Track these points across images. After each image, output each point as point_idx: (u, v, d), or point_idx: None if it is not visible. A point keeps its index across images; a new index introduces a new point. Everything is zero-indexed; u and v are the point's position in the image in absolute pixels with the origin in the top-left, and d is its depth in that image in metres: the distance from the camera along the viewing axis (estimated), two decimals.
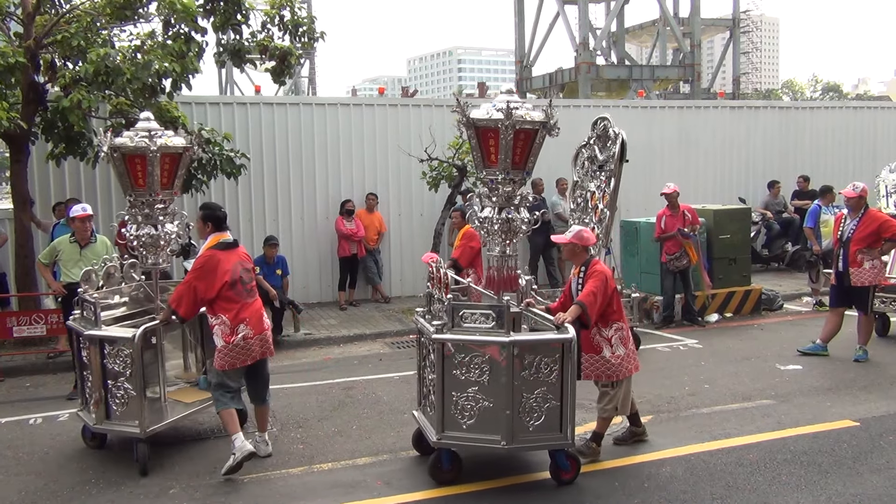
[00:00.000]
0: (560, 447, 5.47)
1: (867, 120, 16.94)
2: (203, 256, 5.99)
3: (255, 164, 12.08)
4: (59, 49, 9.14)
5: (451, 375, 5.42)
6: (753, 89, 74.38)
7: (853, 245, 8.61)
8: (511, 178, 5.46)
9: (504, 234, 5.52)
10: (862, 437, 6.32)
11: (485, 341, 5.35)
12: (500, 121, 5.22)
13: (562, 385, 5.38)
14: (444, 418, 5.47)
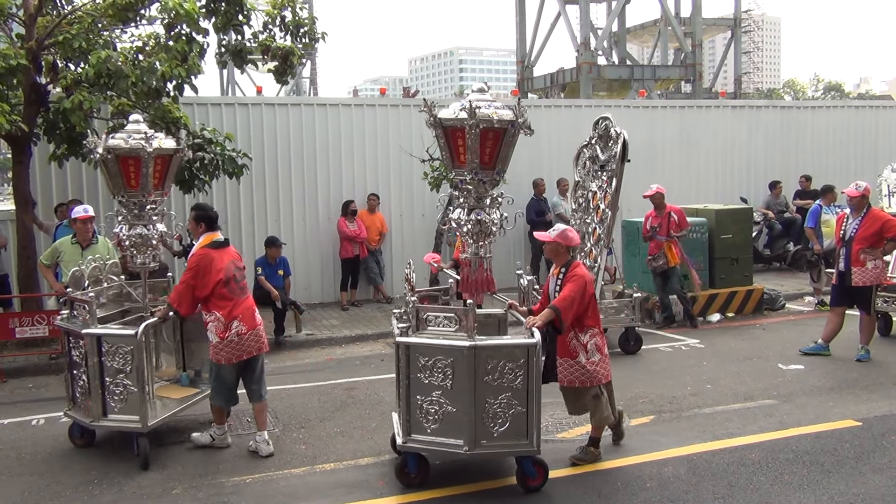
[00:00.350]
0: (526, 454, 5.39)
1: (869, 119, 16.93)
2: (197, 256, 6.14)
3: (257, 164, 12.09)
4: (61, 50, 9.15)
5: (416, 379, 5.39)
6: (755, 89, 74.31)
7: (856, 244, 8.60)
8: (480, 178, 5.34)
9: (476, 236, 5.42)
10: (864, 436, 6.31)
11: (446, 345, 5.30)
12: (464, 120, 5.11)
13: (527, 391, 5.31)
14: (410, 422, 5.45)
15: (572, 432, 6.63)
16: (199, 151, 10.23)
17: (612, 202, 9.65)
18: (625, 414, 6.57)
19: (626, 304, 9.54)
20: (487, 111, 5.13)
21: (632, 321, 9.49)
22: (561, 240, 5.92)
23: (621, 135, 9.55)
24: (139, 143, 6.21)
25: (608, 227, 9.67)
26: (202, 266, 6.07)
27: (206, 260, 6.08)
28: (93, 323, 6.21)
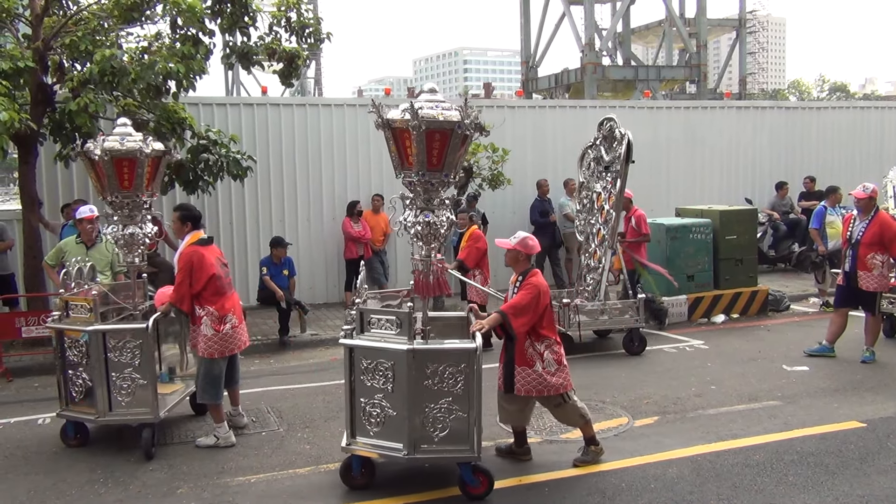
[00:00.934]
0: (466, 460, 5.34)
1: (874, 120, 16.90)
2: (188, 253, 6.35)
3: (262, 165, 12.12)
4: (68, 51, 9.19)
5: (359, 381, 5.41)
6: (760, 89, 74.17)
7: (863, 248, 8.58)
8: (428, 179, 5.25)
9: (426, 238, 5.34)
10: (869, 438, 6.31)
11: (386, 348, 5.30)
12: (409, 121, 5.02)
13: (468, 396, 5.28)
14: (354, 424, 5.46)
15: (576, 433, 6.62)
16: (203, 153, 10.26)
17: (616, 203, 9.66)
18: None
19: (631, 305, 9.54)
20: (432, 112, 5.04)
21: (636, 322, 9.49)
22: (521, 247, 5.90)
23: (626, 135, 9.55)
24: (136, 144, 6.46)
25: (612, 228, 9.67)
26: (195, 262, 6.30)
27: (198, 256, 6.33)
28: (97, 320, 6.35)
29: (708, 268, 11.45)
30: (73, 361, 6.49)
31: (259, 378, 8.86)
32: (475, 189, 12.36)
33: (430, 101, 5.18)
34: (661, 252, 11.18)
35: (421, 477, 5.72)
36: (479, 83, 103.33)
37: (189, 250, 6.38)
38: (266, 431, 6.88)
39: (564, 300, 9.43)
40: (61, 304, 6.60)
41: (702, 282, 11.40)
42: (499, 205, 13.52)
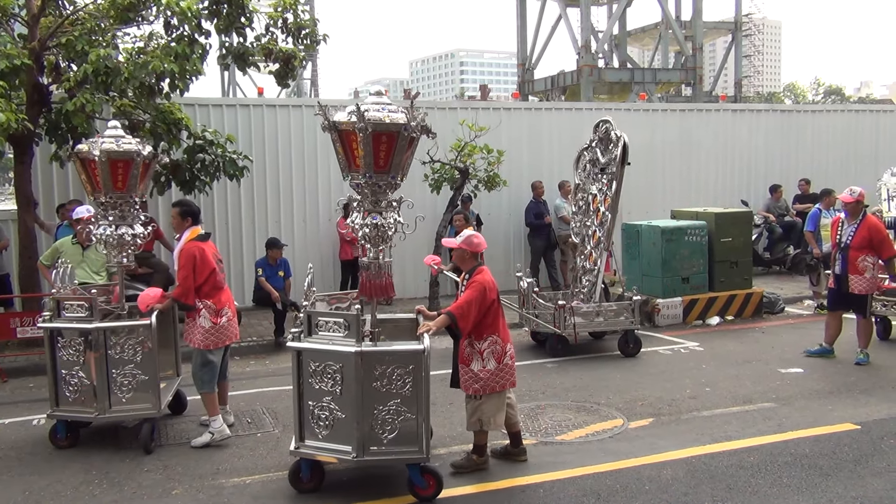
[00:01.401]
0: (415, 461, 5.34)
1: (869, 123, 16.96)
2: (189, 250, 6.49)
3: (258, 165, 12.12)
4: (64, 51, 9.18)
5: (308, 384, 5.40)
6: (755, 92, 74.36)
7: (852, 251, 8.64)
8: (376, 181, 5.24)
9: (374, 240, 5.32)
10: (863, 440, 6.33)
11: (334, 350, 5.31)
12: (355, 123, 5.02)
13: (417, 398, 5.29)
14: (303, 427, 5.45)
15: (571, 434, 6.65)
16: (200, 153, 10.25)
17: (612, 205, 9.68)
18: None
19: (626, 306, 9.56)
20: (379, 114, 5.05)
21: (631, 324, 9.51)
22: (466, 246, 5.91)
23: (622, 138, 9.58)
24: (132, 146, 6.60)
25: (608, 230, 9.70)
26: (198, 257, 6.47)
27: (199, 251, 6.51)
28: (96, 318, 6.46)
29: (703, 270, 11.48)
30: (67, 361, 6.52)
31: (255, 379, 8.86)
32: (470, 190, 12.36)
33: (376, 103, 5.18)
34: (657, 254, 11.21)
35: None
36: (475, 85, 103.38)
37: (190, 246, 6.52)
38: (261, 433, 6.88)
39: (560, 302, 9.45)
40: (52, 303, 6.61)
41: (697, 284, 11.43)
42: (494, 206, 13.54)
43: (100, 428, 6.83)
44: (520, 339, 10.50)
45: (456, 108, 13.74)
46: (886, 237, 8.75)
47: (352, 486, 5.63)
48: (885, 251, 8.61)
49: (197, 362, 6.61)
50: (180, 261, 6.52)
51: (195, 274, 6.45)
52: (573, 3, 31.62)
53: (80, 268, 8.64)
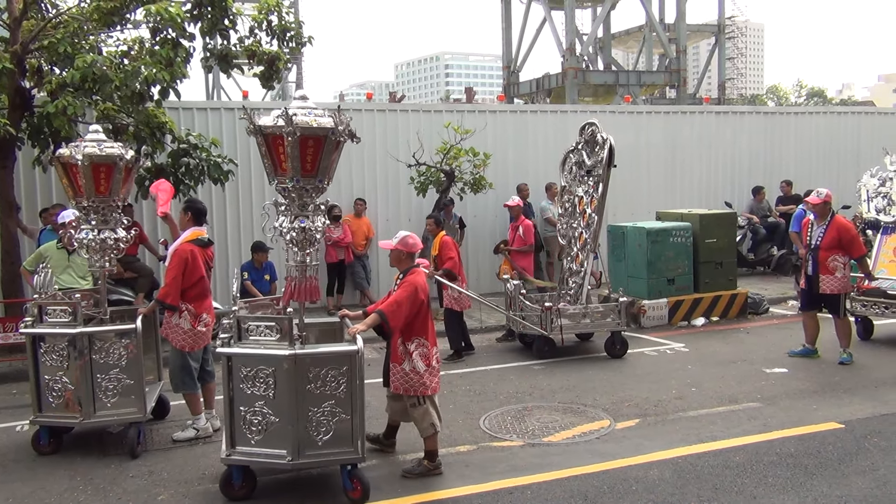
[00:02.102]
0: (352, 461, 5.37)
1: (851, 125, 17.10)
2: (183, 252, 6.52)
3: (243, 168, 12.07)
4: (46, 55, 9.11)
5: (239, 390, 5.36)
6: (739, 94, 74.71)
7: (822, 252, 8.74)
8: (303, 185, 5.27)
9: (300, 244, 5.32)
10: (847, 439, 6.38)
11: (267, 354, 5.29)
12: (282, 128, 5.07)
13: (351, 398, 5.32)
14: (234, 434, 5.41)
15: (558, 436, 6.66)
16: (184, 157, 10.20)
17: (598, 207, 9.72)
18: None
19: (612, 308, 9.59)
20: (306, 118, 5.08)
21: (617, 325, 9.54)
22: (402, 247, 6.05)
23: (608, 140, 9.62)
24: (115, 150, 6.59)
25: (594, 232, 9.73)
26: (190, 261, 6.52)
27: (192, 256, 6.55)
28: (80, 323, 6.43)
29: (688, 271, 11.53)
30: (49, 366, 6.47)
31: None
32: (456, 193, 12.37)
33: (302, 107, 5.19)
34: (642, 256, 11.25)
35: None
36: (460, 88, 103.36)
37: (186, 247, 6.56)
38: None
39: (547, 304, 9.47)
40: (35, 309, 6.56)
41: (682, 285, 11.48)
42: (480, 209, 13.55)
43: (84, 434, 6.78)
44: (506, 342, 10.52)
45: (441, 111, 13.75)
46: (856, 237, 8.86)
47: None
48: (856, 250, 8.73)
49: (176, 364, 6.66)
50: (172, 260, 6.54)
51: (184, 277, 6.49)
52: (557, 5, 31.69)
53: (66, 272, 8.58)
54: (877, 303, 9.58)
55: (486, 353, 9.95)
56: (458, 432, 6.79)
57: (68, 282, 8.45)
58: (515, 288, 9.74)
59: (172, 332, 6.62)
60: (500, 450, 6.37)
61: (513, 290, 9.78)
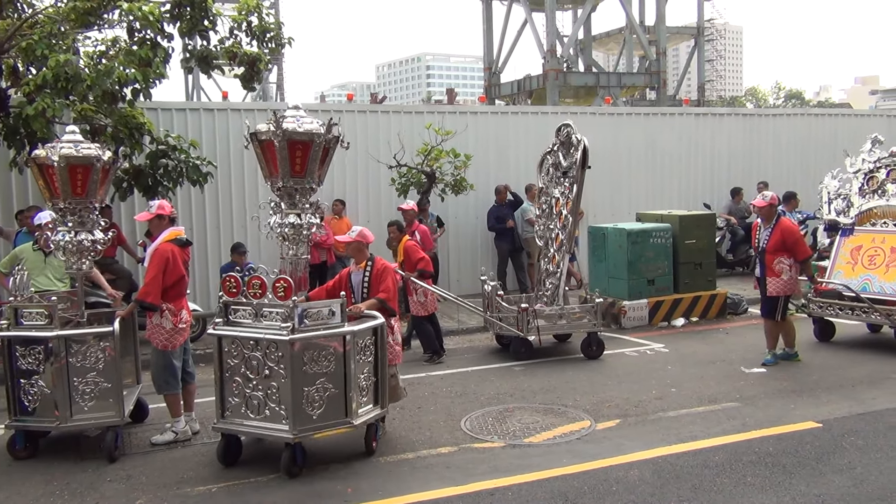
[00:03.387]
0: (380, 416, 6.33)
1: (828, 127, 17.28)
2: (164, 252, 6.54)
3: (223, 169, 12.00)
4: (23, 55, 8.99)
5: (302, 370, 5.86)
6: (718, 96, 75.35)
7: (768, 255, 8.83)
8: (294, 186, 5.95)
9: (292, 239, 6.01)
10: (825, 438, 6.44)
11: (265, 338, 5.83)
12: (273, 133, 5.71)
13: (375, 364, 6.26)
14: (295, 413, 5.87)
15: (539, 437, 6.68)
16: (162, 158, 10.12)
17: (573, 208, 9.76)
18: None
19: (589, 309, 9.61)
20: (293, 125, 5.76)
21: (594, 326, 9.56)
22: (361, 238, 6.95)
23: (582, 141, 9.67)
24: (92, 151, 6.53)
25: (570, 233, 9.77)
26: (171, 260, 6.53)
27: (173, 255, 6.57)
28: (57, 326, 6.35)
29: (668, 272, 11.60)
30: (25, 370, 6.39)
31: None
32: (438, 194, 12.36)
33: (290, 115, 5.87)
34: (623, 256, 11.30)
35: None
36: (441, 89, 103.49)
37: (166, 247, 6.57)
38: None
39: (523, 305, 9.49)
40: (10, 312, 6.48)
41: (662, 286, 11.55)
42: (462, 210, 13.56)
43: (61, 438, 6.70)
44: (486, 343, 10.53)
45: (423, 112, 13.74)
46: (799, 239, 8.93)
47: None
48: (800, 253, 8.79)
49: (158, 364, 6.64)
50: (152, 260, 6.52)
51: (164, 276, 6.49)
52: (539, 7, 31.79)
53: (42, 275, 8.47)
54: (832, 304, 9.68)
55: (467, 355, 9.95)
56: (439, 434, 6.79)
57: (45, 284, 8.34)
58: (493, 289, 9.75)
59: (155, 332, 6.58)
60: (481, 451, 6.37)
61: (490, 291, 9.79)
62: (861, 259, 9.81)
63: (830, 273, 9.98)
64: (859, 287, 9.54)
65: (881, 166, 10.08)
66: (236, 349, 5.98)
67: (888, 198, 9.92)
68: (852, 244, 10.02)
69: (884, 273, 9.50)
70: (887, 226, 9.83)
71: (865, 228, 10.02)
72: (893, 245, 9.60)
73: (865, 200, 10.14)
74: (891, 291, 9.33)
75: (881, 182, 10.05)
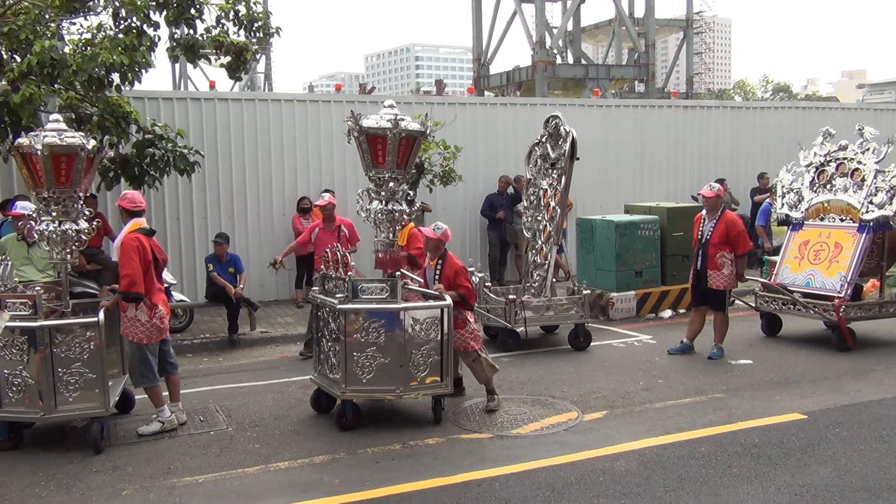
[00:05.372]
0: (441, 394, 6.79)
1: (815, 120, 17.28)
2: (131, 241, 6.47)
3: (210, 160, 11.93)
4: (6, 42, 8.90)
5: (354, 338, 6.51)
6: (706, 89, 75.58)
7: (712, 248, 8.81)
8: (395, 176, 6.63)
9: (389, 223, 6.66)
10: (809, 429, 6.48)
11: (379, 309, 6.51)
12: (388, 129, 6.35)
13: (441, 344, 6.63)
14: (347, 375, 6.53)
15: (526, 428, 6.69)
16: (149, 147, 10.05)
17: (561, 200, 9.76)
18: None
19: (576, 300, 9.62)
20: (404, 123, 6.40)
21: (581, 318, 9.58)
22: (443, 237, 7.24)
23: (570, 133, 9.67)
24: (76, 140, 6.45)
25: (557, 225, 9.78)
26: (140, 248, 6.47)
27: (140, 243, 6.51)
28: (41, 317, 6.29)
29: (656, 264, 11.63)
30: (10, 360, 6.31)
31: (208, 376, 8.73)
32: (426, 185, 12.34)
33: (399, 114, 6.48)
34: (611, 248, 11.33)
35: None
36: (430, 80, 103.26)
37: (132, 237, 6.50)
38: (214, 431, 6.77)
39: (510, 296, 9.49)
40: None
41: (650, 278, 11.59)
42: (451, 201, 13.55)
43: (46, 429, 6.66)
44: None
45: (411, 103, 13.70)
46: (742, 232, 8.87)
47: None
48: (740, 247, 8.75)
49: (135, 357, 6.62)
50: (122, 252, 6.44)
51: (141, 264, 6.43)
52: None
53: (26, 265, 8.41)
54: (776, 299, 9.68)
55: None
56: (426, 425, 6.79)
57: (30, 274, 8.28)
58: (480, 280, 9.75)
59: (130, 325, 6.53)
60: (468, 442, 6.38)
61: (478, 282, 9.78)
62: (807, 254, 9.74)
63: (779, 268, 9.93)
64: (804, 282, 9.54)
65: (831, 160, 9.94)
66: (321, 314, 7.01)
67: (835, 192, 9.80)
68: (801, 239, 9.94)
69: (826, 268, 9.46)
70: (834, 221, 9.74)
71: (814, 223, 9.93)
72: (838, 240, 9.51)
73: (815, 194, 10.00)
74: (830, 287, 9.29)
75: (830, 176, 9.91)
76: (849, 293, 9.18)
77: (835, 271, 9.34)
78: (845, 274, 9.19)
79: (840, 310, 8.94)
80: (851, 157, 9.72)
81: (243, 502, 5.32)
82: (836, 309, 8.96)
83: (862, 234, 9.30)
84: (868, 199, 9.30)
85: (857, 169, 9.60)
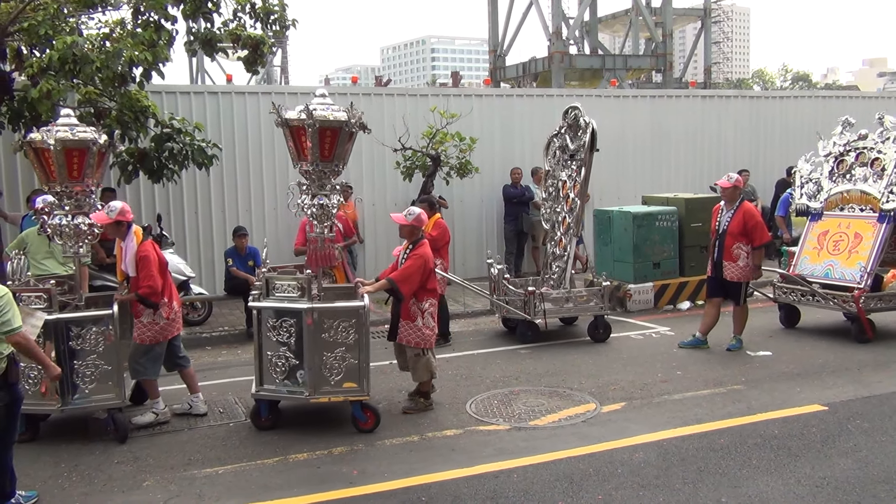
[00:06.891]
0: (359, 399, 6.40)
1: (835, 110, 17.07)
2: (148, 248, 6.62)
3: (228, 153, 11.98)
4: (26, 37, 8.97)
5: (266, 338, 6.47)
6: (724, 79, 74.97)
7: (728, 238, 8.73)
8: (321, 169, 6.36)
9: (319, 218, 6.42)
10: (830, 421, 6.44)
11: (289, 308, 6.37)
12: (304, 120, 6.14)
13: (359, 345, 6.35)
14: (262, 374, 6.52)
15: (544, 419, 6.69)
16: (167, 141, 10.11)
17: (581, 191, 9.72)
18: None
19: (595, 292, 9.60)
20: (323, 113, 6.15)
21: (601, 309, 9.56)
22: (416, 223, 6.96)
23: (590, 124, 9.61)
24: (88, 135, 6.51)
25: (577, 216, 9.74)
26: (156, 257, 6.64)
27: (154, 250, 6.70)
28: (55, 310, 6.38)
29: (674, 255, 11.58)
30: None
31: (227, 369, 8.80)
32: (443, 177, 12.33)
33: (319, 104, 6.26)
34: (628, 240, 11.28)
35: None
36: (446, 72, 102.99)
37: (146, 245, 6.61)
38: (233, 422, 6.84)
39: (530, 288, 9.48)
40: None
41: (668, 269, 11.53)
42: (467, 193, 13.53)
43: (68, 420, 6.74)
44: (492, 326, 10.54)
45: (427, 95, 13.70)
46: (760, 223, 8.77)
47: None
48: (757, 238, 8.66)
49: (139, 351, 6.68)
50: (143, 262, 6.48)
51: (161, 275, 6.61)
52: None
53: (48, 258, 8.49)
54: (794, 290, 9.61)
55: (473, 338, 9.96)
56: (444, 416, 6.81)
57: (52, 267, 8.36)
58: (499, 272, 9.74)
59: (147, 329, 6.63)
60: (486, 434, 6.39)
61: (496, 274, 9.78)
62: (826, 245, 9.65)
63: (798, 259, 9.85)
64: (823, 273, 9.46)
65: (850, 149, 9.82)
66: None
67: (855, 182, 9.68)
68: (820, 229, 9.84)
69: (846, 259, 9.37)
70: (854, 211, 9.65)
71: (833, 213, 9.82)
72: (857, 230, 9.41)
73: (835, 184, 9.89)
74: (850, 278, 9.21)
75: (850, 166, 9.80)
76: (868, 284, 9.08)
77: (854, 262, 9.25)
78: (865, 264, 9.10)
79: (860, 301, 8.87)
80: (871, 146, 9.62)
81: (263, 493, 5.36)
82: (855, 300, 8.89)
83: (882, 224, 9.19)
84: (888, 189, 9.19)
85: (878, 158, 9.49)
